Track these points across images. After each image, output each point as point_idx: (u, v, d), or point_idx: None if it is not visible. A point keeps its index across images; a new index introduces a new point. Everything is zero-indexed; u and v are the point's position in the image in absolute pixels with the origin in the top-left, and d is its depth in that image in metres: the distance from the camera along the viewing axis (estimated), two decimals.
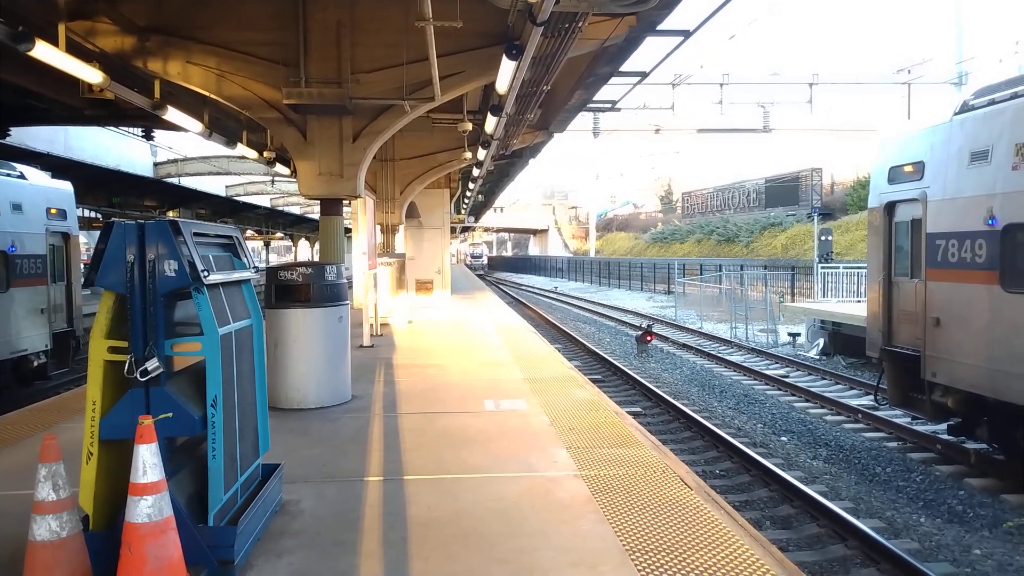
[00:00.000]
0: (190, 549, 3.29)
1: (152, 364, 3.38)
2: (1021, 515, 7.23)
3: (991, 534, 6.87)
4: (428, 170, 18.86)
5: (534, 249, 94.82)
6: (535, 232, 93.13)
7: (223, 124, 15.59)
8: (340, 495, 4.75)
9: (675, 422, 11.12)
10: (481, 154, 16.72)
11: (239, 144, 16.28)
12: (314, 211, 44.50)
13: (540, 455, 5.64)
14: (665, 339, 20.59)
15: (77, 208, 14.93)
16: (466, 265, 78.08)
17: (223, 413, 3.61)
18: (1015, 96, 7.56)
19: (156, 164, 26.98)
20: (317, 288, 7.25)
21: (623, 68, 12.61)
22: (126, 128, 22.23)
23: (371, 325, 12.37)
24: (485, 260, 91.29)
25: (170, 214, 33.12)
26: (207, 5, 9.49)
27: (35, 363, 12.27)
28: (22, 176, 12.34)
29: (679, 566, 3.72)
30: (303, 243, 63.94)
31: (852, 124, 31.38)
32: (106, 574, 3.19)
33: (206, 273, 3.55)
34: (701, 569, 3.70)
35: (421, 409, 7.33)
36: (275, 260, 70.28)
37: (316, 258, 41.40)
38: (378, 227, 17.64)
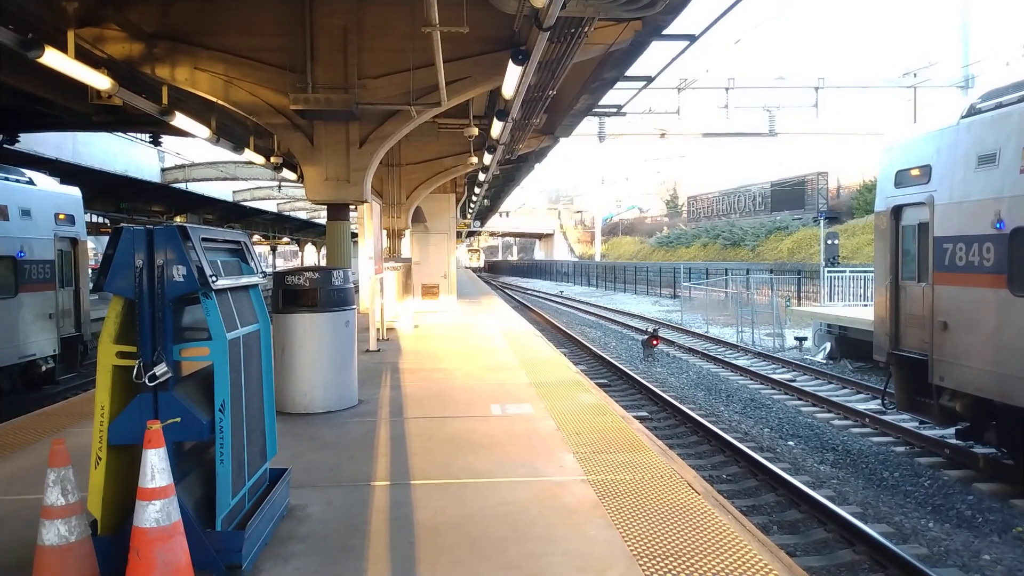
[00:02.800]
0: (198, 554, 3.30)
1: (160, 369, 3.39)
2: None
3: (1000, 539, 6.83)
4: (434, 175, 18.87)
5: (540, 253, 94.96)
6: (541, 236, 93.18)
7: (230, 130, 15.65)
8: (347, 500, 4.75)
9: (682, 426, 11.10)
10: (487, 159, 16.72)
11: (246, 150, 16.33)
12: (321, 216, 44.63)
13: (547, 460, 5.63)
14: (671, 343, 20.56)
15: (85, 213, 15.02)
16: (465, 267, 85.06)
17: (231, 418, 3.62)
18: (1023, 99, 7.54)
19: (164, 169, 27.05)
20: (324, 293, 7.25)
21: (629, 73, 12.60)
22: (134, 134, 22.34)
23: (377, 330, 12.39)
24: (482, 264, 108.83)
25: (177, 219, 33.22)
26: (215, 12, 9.53)
27: (43, 368, 12.34)
28: (31, 182, 12.42)
29: (686, 571, 3.71)
30: (310, 248, 64.13)
31: (858, 128, 31.23)
32: None
33: (214, 278, 3.56)
34: (709, 574, 3.69)
35: (428, 413, 7.32)
36: (281, 265, 70.50)
37: (323, 263, 41.54)
38: (384, 232, 17.66)
